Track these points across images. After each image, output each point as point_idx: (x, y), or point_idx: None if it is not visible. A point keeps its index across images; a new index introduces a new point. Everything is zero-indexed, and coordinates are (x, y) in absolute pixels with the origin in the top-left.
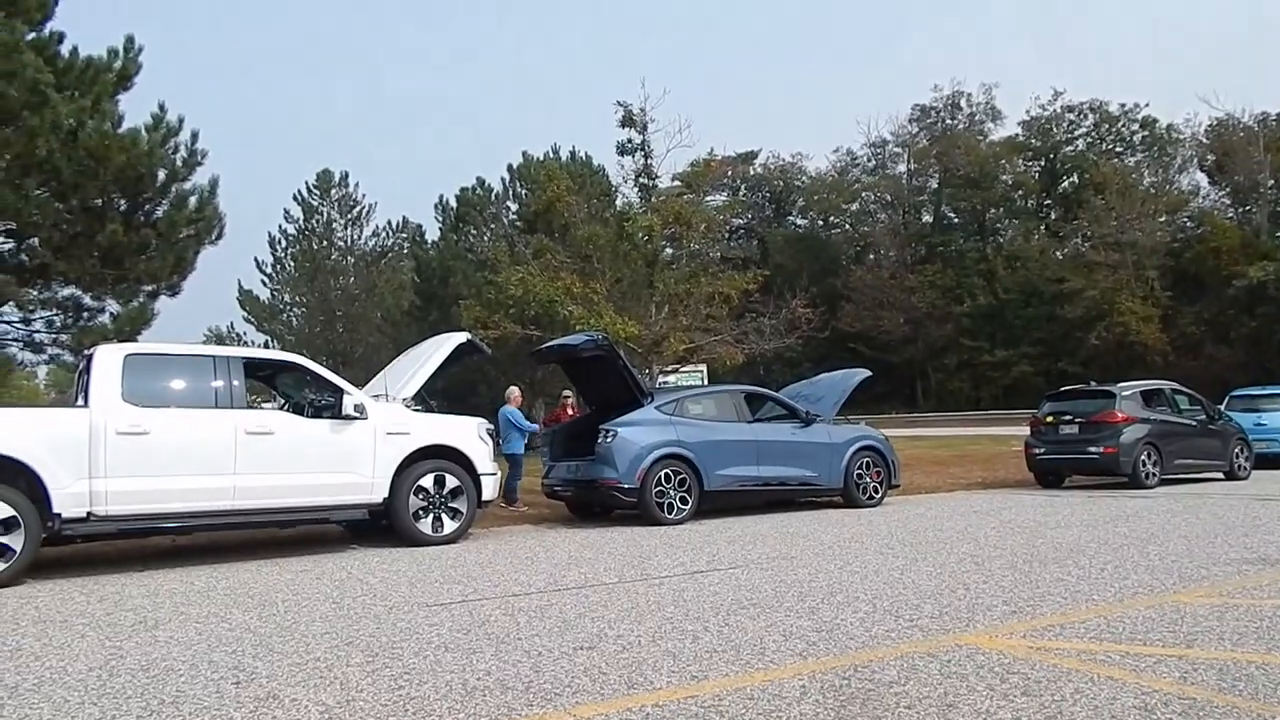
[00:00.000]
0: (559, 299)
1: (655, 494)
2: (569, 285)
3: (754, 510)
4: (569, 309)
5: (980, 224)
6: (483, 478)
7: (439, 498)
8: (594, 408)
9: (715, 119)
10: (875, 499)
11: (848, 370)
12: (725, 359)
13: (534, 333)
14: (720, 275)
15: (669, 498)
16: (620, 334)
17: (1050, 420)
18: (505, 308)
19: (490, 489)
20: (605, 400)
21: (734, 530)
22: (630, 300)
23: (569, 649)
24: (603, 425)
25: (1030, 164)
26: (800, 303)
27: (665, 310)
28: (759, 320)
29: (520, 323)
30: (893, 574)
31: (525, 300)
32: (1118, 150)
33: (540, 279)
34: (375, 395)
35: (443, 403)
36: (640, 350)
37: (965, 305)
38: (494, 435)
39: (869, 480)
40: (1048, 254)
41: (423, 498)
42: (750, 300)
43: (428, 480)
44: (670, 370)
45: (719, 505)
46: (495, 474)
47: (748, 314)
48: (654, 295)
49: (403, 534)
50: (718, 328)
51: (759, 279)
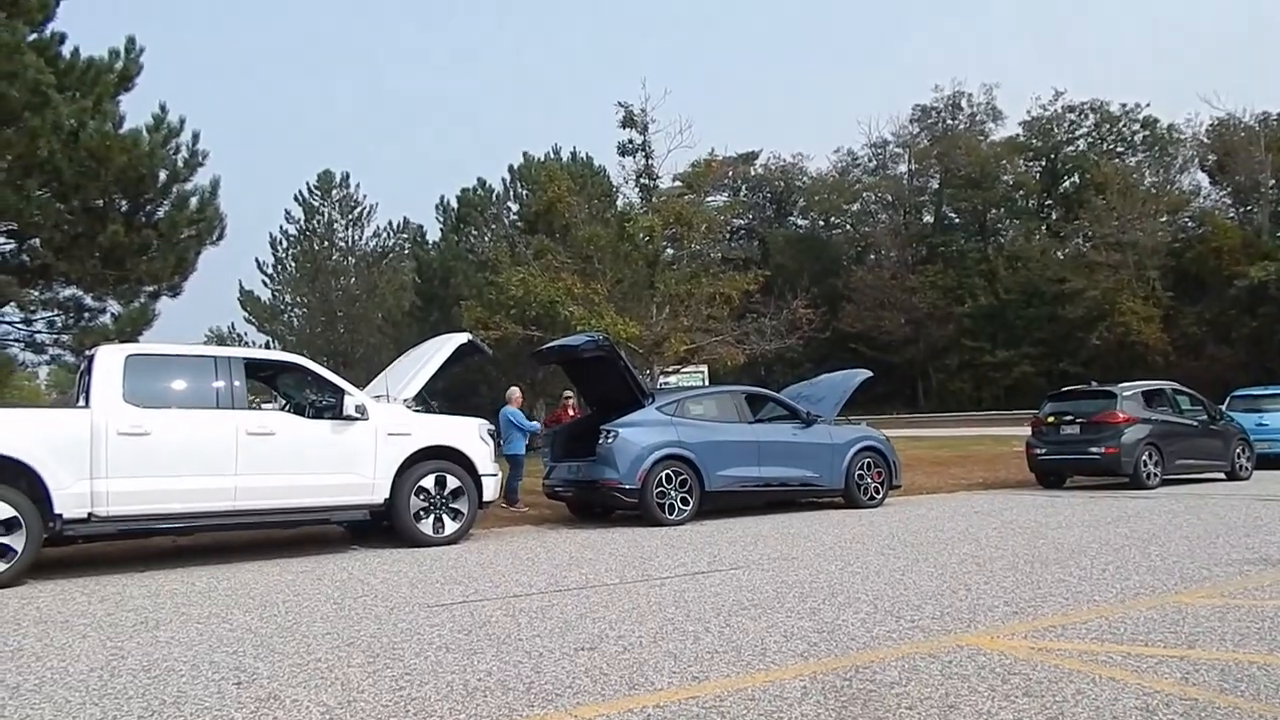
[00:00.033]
0: (560, 300)
1: (656, 495)
2: (570, 286)
3: (755, 511)
4: (570, 310)
5: (981, 224)
6: (484, 478)
7: (440, 498)
8: (595, 408)
9: (715, 119)
10: (876, 500)
11: (849, 371)
12: (726, 359)
13: (535, 333)
14: (721, 276)
15: (670, 498)
16: (621, 335)
17: (1051, 421)
18: (506, 308)
19: (491, 490)
20: (606, 401)
21: (735, 531)
22: (631, 301)
23: (570, 650)
24: (604, 426)
25: (1031, 164)
26: (801, 303)
27: (666, 311)
28: (760, 321)
29: (521, 323)
30: (894, 575)
31: (526, 301)
32: (1119, 150)
33: (541, 280)
34: (376, 396)
35: (444, 403)
36: (641, 351)
37: (966, 306)
38: (495, 436)
39: (870, 481)
40: (1049, 254)
41: (424, 498)
42: (751, 301)
43: (429, 481)
44: (671, 371)
45: (720, 506)
46: (496, 475)
47: (749, 314)
48: (655, 296)
49: (404, 535)
50: (719, 328)
51: (760, 279)
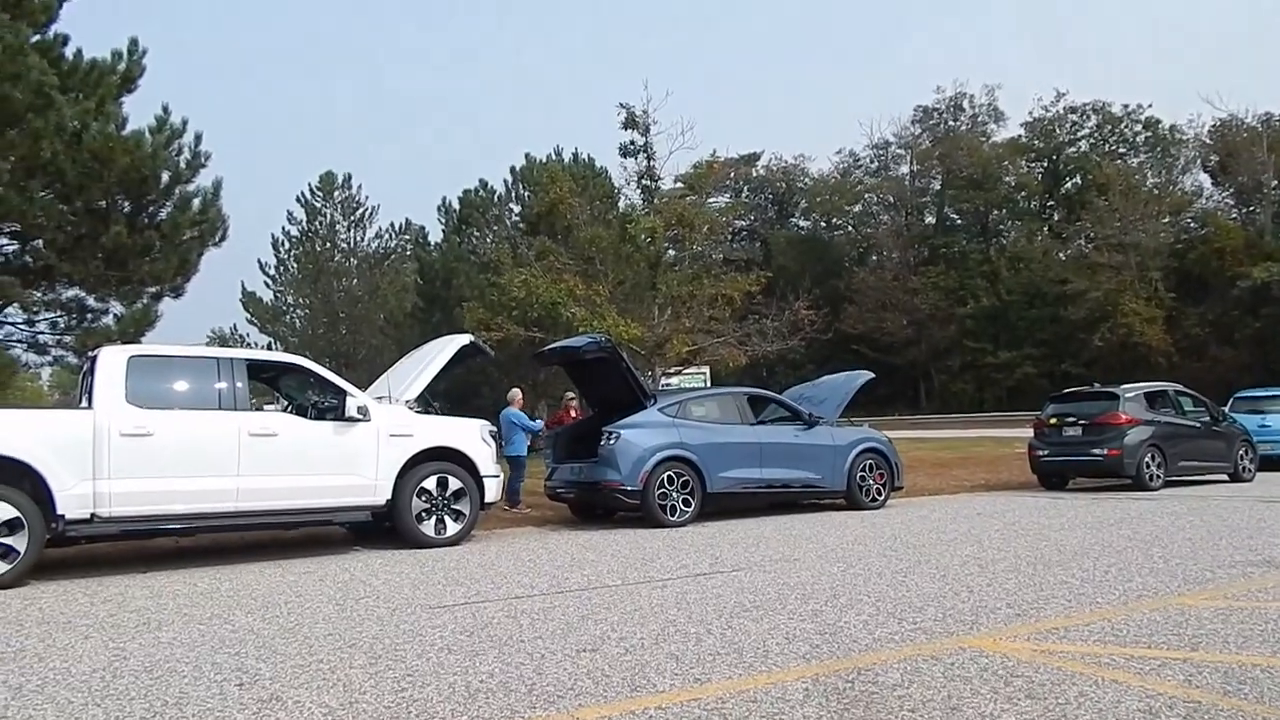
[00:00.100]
0: (562, 301)
1: (658, 496)
2: (572, 287)
3: (757, 512)
4: (572, 311)
5: (983, 225)
6: (485, 480)
7: (442, 500)
8: (597, 410)
9: (716, 120)
10: (878, 501)
11: (850, 372)
12: (728, 361)
13: (537, 335)
14: (723, 277)
15: (672, 500)
16: (623, 336)
17: (1054, 422)
18: (508, 310)
19: (493, 491)
20: (608, 402)
21: (737, 532)
22: (633, 302)
23: (572, 651)
24: (605, 427)
25: (1033, 165)
26: (803, 304)
27: (668, 312)
28: (762, 322)
29: (523, 325)
30: (896, 576)
31: (528, 302)
32: (1121, 151)
33: (543, 281)
34: (378, 397)
35: (445, 405)
36: (643, 352)
37: (968, 307)
38: (496, 437)
39: (872, 482)
40: (1051, 255)
41: (426, 500)
42: (753, 302)
43: (431, 482)
44: (673, 372)
45: (722, 507)
46: (498, 476)
47: (750, 316)
48: (657, 297)
49: (406, 536)
50: (720, 330)
51: (762, 281)
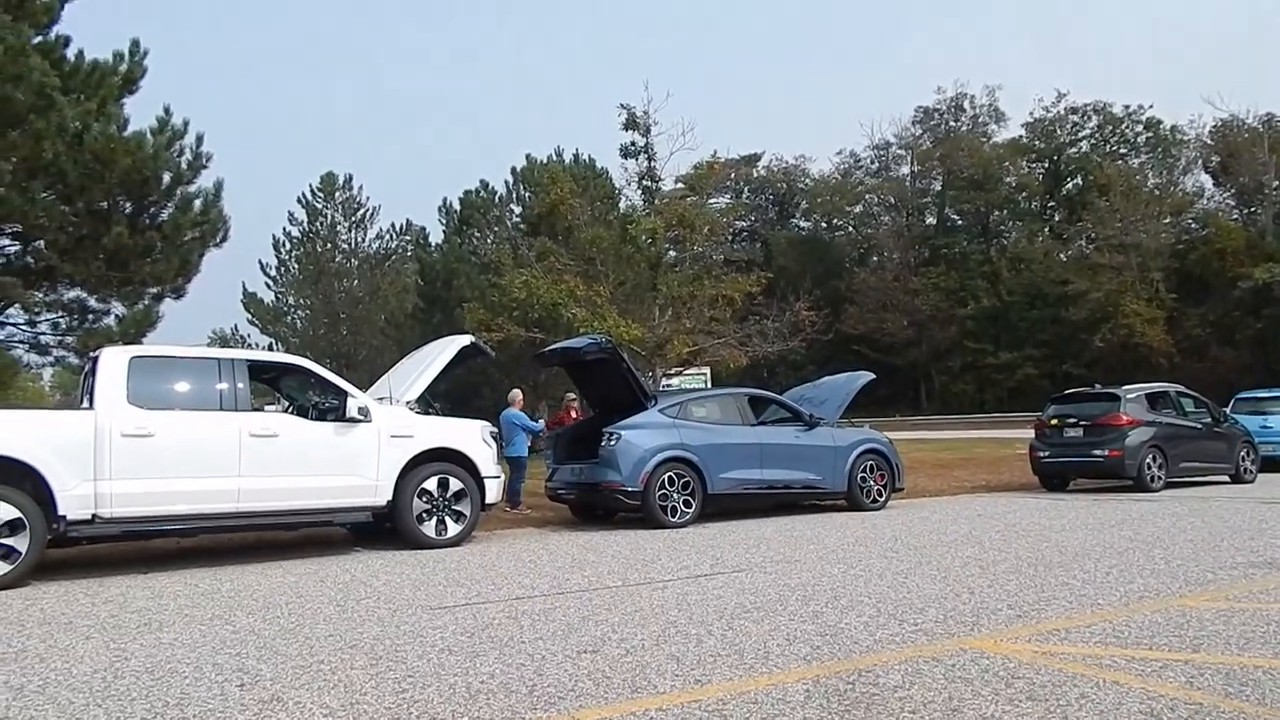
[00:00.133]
0: (562, 302)
1: (659, 497)
2: (572, 288)
3: (758, 513)
4: (572, 312)
5: (984, 226)
6: (486, 481)
7: (443, 501)
8: (597, 411)
9: (716, 120)
10: (879, 502)
11: (851, 373)
12: (729, 362)
13: (537, 335)
14: (724, 278)
15: (672, 501)
16: (624, 337)
17: (1055, 423)
18: (509, 310)
19: (494, 492)
20: (609, 403)
21: (738, 533)
22: (634, 303)
23: (573, 652)
24: (606, 428)
25: (1034, 166)
26: (804, 305)
27: (669, 313)
28: (762, 323)
29: (524, 325)
30: (897, 578)
31: (529, 303)
32: (1122, 152)
33: (544, 282)
34: (379, 398)
35: (446, 405)
36: (643, 353)
37: (969, 308)
38: (497, 438)
39: (873, 483)
40: (1052, 256)
41: (426, 500)
42: (754, 303)
43: (431, 483)
44: (674, 373)
45: (723, 508)
46: (499, 477)
47: (751, 317)
48: (657, 298)
49: (406, 537)
50: (721, 330)
51: (762, 281)
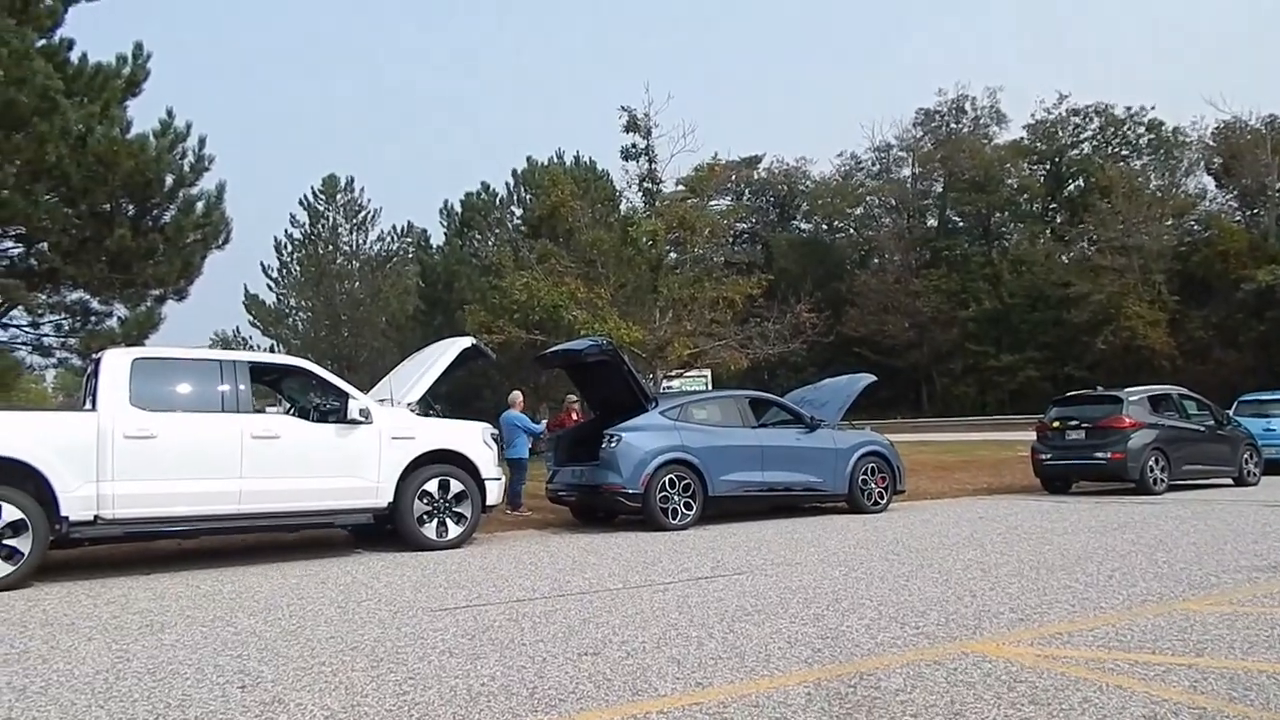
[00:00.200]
0: (563, 304)
1: (659, 499)
2: (573, 290)
3: (758, 516)
4: (573, 314)
5: (985, 228)
6: (487, 483)
7: (443, 502)
8: (598, 413)
9: (717, 121)
10: (880, 505)
11: (852, 375)
12: (729, 364)
13: (538, 338)
14: (724, 280)
15: (673, 503)
16: (624, 339)
17: (1057, 425)
18: (510, 313)
19: (494, 494)
20: (609, 405)
21: (738, 536)
22: (634, 305)
23: (573, 655)
24: (607, 430)
25: (1035, 168)
26: (805, 307)
27: (669, 315)
28: (763, 325)
29: (525, 328)
30: (898, 580)
31: (530, 305)
32: (1124, 153)
33: (545, 284)
34: (380, 400)
35: (447, 407)
36: (644, 355)
37: (970, 310)
38: (498, 440)
39: (874, 486)
40: (1053, 258)
41: (427, 502)
42: (754, 305)
43: (432, 485)
44: (674, 375)
45: (723, 510)
46: (499, 479)
47: (752, 319)
48: (658, 300)
49: (407, 539)
50: (722, 332)
51: (763, 283)
